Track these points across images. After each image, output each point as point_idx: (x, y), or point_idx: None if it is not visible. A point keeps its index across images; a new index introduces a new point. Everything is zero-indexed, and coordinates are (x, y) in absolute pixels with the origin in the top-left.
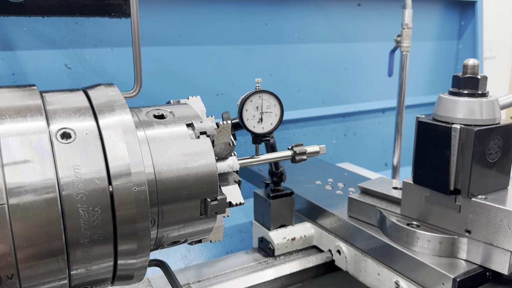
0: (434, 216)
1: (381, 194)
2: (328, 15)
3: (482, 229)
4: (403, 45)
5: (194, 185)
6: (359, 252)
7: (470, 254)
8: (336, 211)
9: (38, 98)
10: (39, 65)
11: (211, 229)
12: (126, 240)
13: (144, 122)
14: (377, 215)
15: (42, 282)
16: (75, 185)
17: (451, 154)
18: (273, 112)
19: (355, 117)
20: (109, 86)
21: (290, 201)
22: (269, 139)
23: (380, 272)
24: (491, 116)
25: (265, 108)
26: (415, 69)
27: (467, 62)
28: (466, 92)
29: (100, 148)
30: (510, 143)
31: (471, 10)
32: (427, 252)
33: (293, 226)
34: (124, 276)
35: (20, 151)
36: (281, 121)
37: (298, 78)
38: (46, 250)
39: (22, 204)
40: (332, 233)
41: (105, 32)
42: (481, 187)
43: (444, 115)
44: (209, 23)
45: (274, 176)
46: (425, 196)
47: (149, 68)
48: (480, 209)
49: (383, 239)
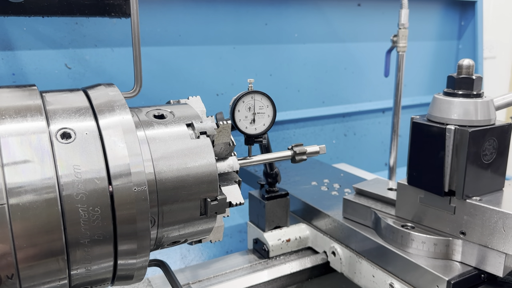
0: (429, 218)
1: (376, 195)
2: (328, 15)
3: (477, 231)
4: (400, 45)
5: (194, 185)
6: (354, 253)
7: (465, 256)
8: (331, 212)
9: (38, 98)
10: (39, 65)
11: (211, 229)
12: (126, 240)
13: (144, 122)
14: (372, 217)
15: (42, 282)
16: (75, 185)
17: (446, 155)
18: (266, 113)
19: (355, 117)
20: (109, 86)
21: (285, 202)
22: (261, 140)
23: (374, 274)
24: (486, 117)
25: (257, 109)
26: (415, 69)
27: (462, 63)
28: (461, 93)
29: (100, 148)
30: (505, 144)
31: (471, 10)
32: (422, 254)
33: (288, 227)
34: (124, 276)
35: (20, 151)
36: (273, 122)
37: (298, 78)
38: (46, 250)
39: (22, 204)
40: (327, 235)
41: (105, 32)
42: (476, 189)
43: (439, 115)
44: (209, 23)
45: (269, 177)
46: (419, 197)
47: (149, 68)
48: (474, 210)
49: (378, 241)
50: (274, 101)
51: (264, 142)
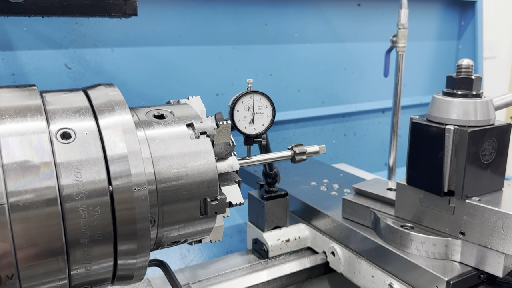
0: (428, 218)
1: (375, 195)
2: (328, 15)
3: (476, 231)
4: (399, 45)
5: (194, 185)
6: (353, 254)
7: (464, 256)
8: (330, 213)
9: (38, 98)
10: (39, 65)
11: (211, 229)
12: (126, 240)
13: (144, 122)
14: (371, 217)
15: (42, 282)
16: (75, 185)
17: (445, 155)
18: (265, 113)
19: (355, 117)
20: (109, 86)
21: (284, 202)
22: (260, 140)
23: (374, 274)
24: (485, 117)
25: (256, 109)
26: (415, 69)
27: (461, 63)
28: (460, 93)
29: (100, 148)
30: (505, 144)
31: (471, 10)
32: (421, 254)
33: (288, 227)
34: (124, 276)
35: (20, 151)
36: (273, 122)
37: (298, 78)
38: (46, 250)
39: (22, 204)
40: (327, 235)
41: (105, 32)
42: (475, 189)
43: (438, 116)
44: (209, 23)
45: (268, 177)
46: (419, 197)
47: (149, 68)
48: (474, 211)
49: (377, 241)
50: (273, 101)
51: (263, 142)
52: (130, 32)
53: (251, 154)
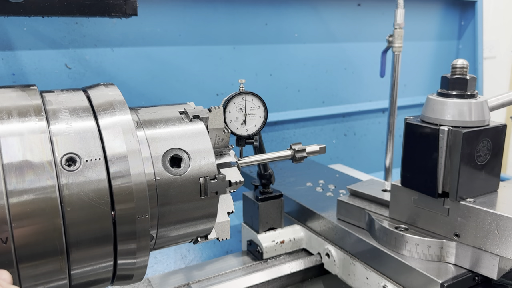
0: (422, 220)
1: (370, 196)
2: (328, 15)
3: (470, 233)
4: (395, 45)
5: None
6: (348, 255)
7: (459, 259)
8: (325, 214)
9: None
10: (39, 65)
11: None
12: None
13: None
14: (366, 218)
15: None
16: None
17: (439, 156)
18: (257, 114)
19: (355, 117)
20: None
21: (279, 204)
22: (253, 142)
23: (368, 276)
24: (480, 117)
25: (248, 109)
26: (415, 69)
27: (455, 63)
28: (455, 93)
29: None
30: (500, 145)
31: (471, 10)
32: (416, 256)
33: (282, 228)
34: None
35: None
36: (265, 123)
37: (298, 78)
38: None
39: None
40: (322, 236)
41: (105, 32)
42: (469, 190)
43: (432, 116)
44: (209, 23)
45: (262, 178)
46: (413, 199)
47: (149, 68)
48: (468, 212)
49: (372, 243)
50: (273, 101)
51: (256, 143)
52: (130, 32)
53: (243, 155)
